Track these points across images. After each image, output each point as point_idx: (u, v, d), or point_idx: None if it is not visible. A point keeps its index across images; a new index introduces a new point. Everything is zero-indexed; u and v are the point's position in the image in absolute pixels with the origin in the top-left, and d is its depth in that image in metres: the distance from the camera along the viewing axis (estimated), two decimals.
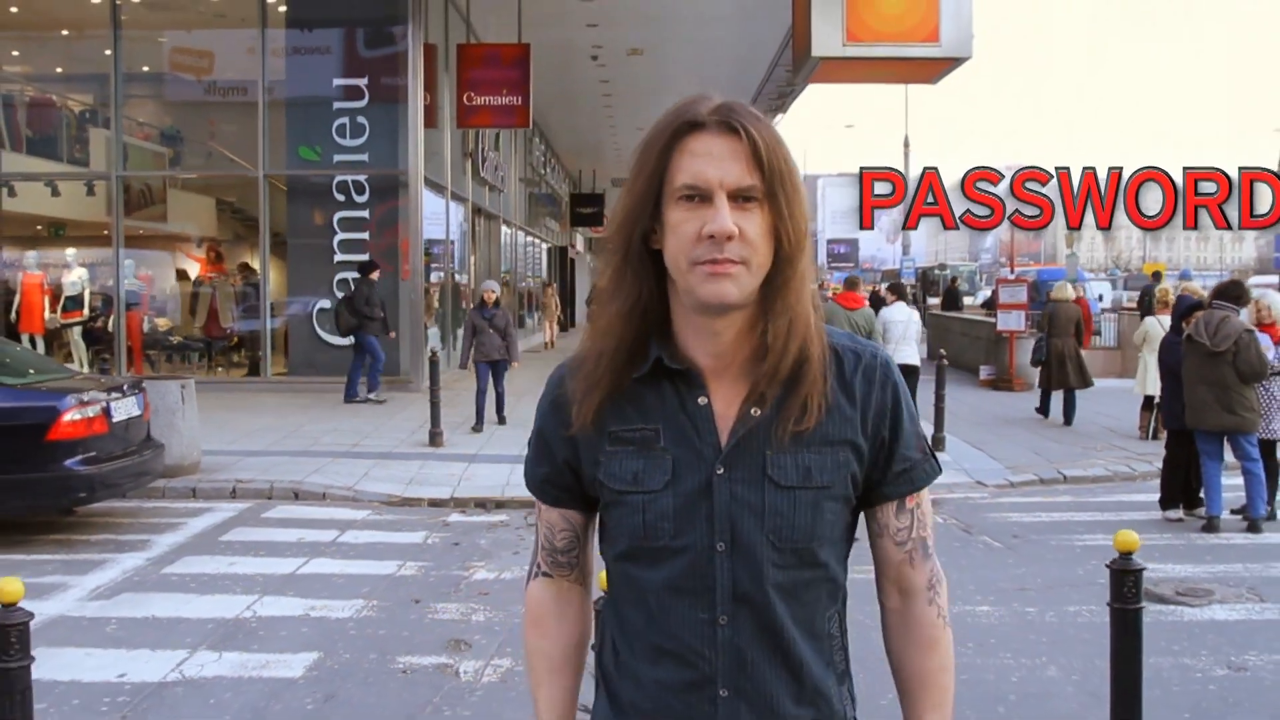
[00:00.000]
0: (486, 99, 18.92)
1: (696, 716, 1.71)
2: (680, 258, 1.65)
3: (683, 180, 1.65)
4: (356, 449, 12.24)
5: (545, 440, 1.84)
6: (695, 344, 1.74)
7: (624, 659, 1.81)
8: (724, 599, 1.69)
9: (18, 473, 7.99)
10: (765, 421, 1.70)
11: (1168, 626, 6.24)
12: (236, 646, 5.96)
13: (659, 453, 1.73)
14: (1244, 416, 8.56)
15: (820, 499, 1.71)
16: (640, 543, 1.73)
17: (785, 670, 1.71)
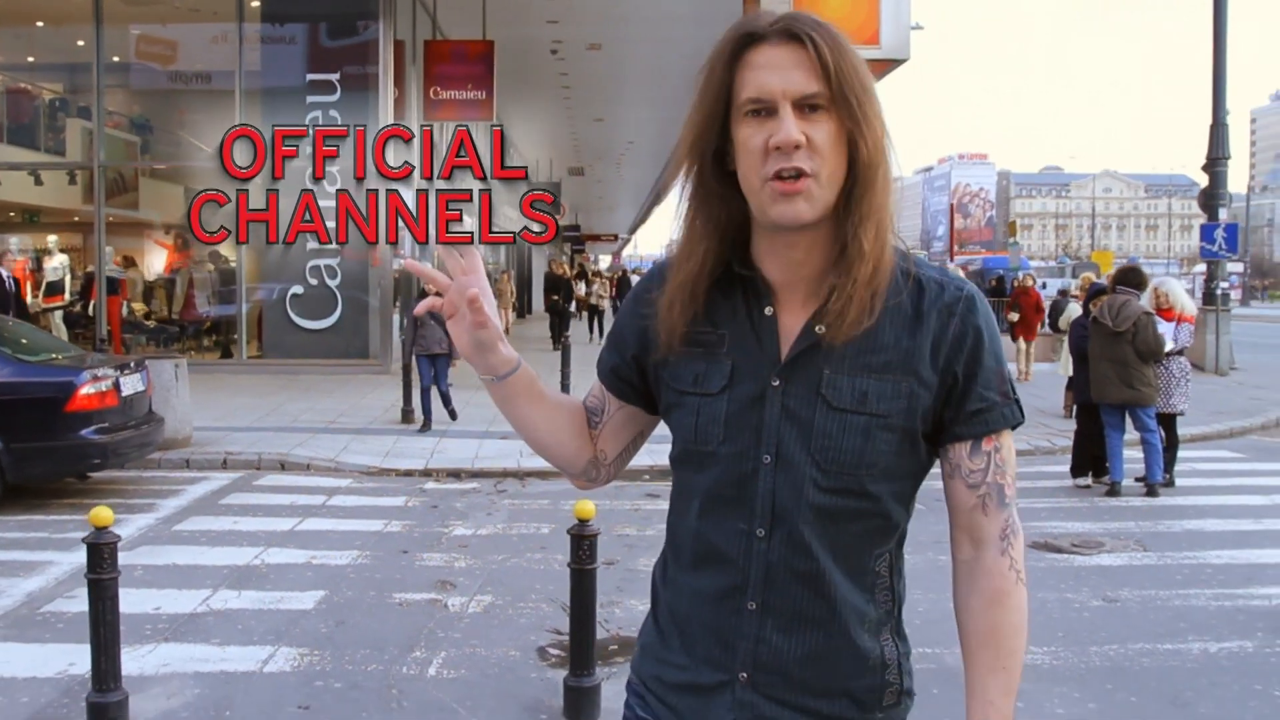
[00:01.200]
0: (452, 93, 19.71)
1: (723, 626, 1.73)
2: (751, 175, 1.64)
3: (747, 94, 1.63)
4: (334, 425, 13.06)
5: (621, 333, 1.88)
6: (768, 256, 1.73)
7: (670, 568, 1.84)
8: (763, 512, 1.69)
9: (40, 441, 8.81)
10: (829, 339, 1.67)
11: (1059, 571, 7.25)
12: (253, 586, 6.84)
13: (721, 357, 1.73)
14: (1142, 391, 9.57)
15: (873, 426, 1.66)
16: (691, 445, 1.75)
17: (816, 595, 1.69)
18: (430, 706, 4.96)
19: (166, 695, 5.05)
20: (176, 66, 20.41)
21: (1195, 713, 4.89)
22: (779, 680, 1.71)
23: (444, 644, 5.79)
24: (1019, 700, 4.34)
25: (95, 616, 4.55)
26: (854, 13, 14.66)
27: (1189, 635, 5.88)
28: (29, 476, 9.05)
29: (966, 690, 1.71)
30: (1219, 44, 20.63)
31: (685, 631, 1.78)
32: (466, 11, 20.31)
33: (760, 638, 1.71)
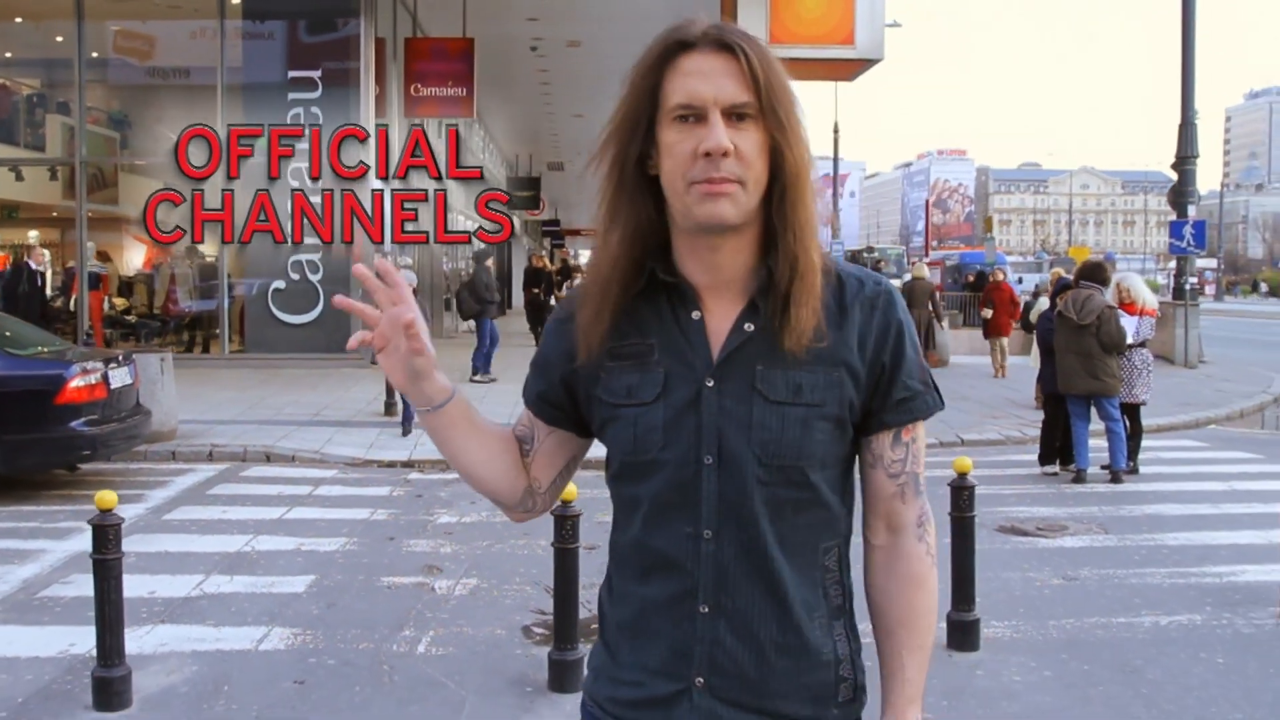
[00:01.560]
0: (433, 90, 19.94)
1: (677, 633, 1.73)
2: (676, 179, 1.66)
3: (676, 100, 1.65)
4: (318, 418, 13.26)
5: (547, 357, 1.88)
6: (691, 261, 1.75)
7: (616, 583, 1.84)
8: (709, 513, 1.71)
9: (31, 432, 8.98)
10: (758, 336, 1.72)
11: (1023, 553, 7.53)
12: (244, 571, 7.05)
13: (653, 366, 1.75)
14: (1106, 382, 9.86)
15: (811, 417, 1.71)
16: (630, 457, 1.75)
17: (768, 593, 1.72)
18: (421, 680, 5.20)
19: (166, 672, 5.27)
20: (156, 63, 20.56)
21: (1143, 678, 5.17)
22: (736, 683, 1.72)
23: (432, 624, 6.02)
24: (979, 669, 4.63)
25: (100, 595, 4.77)
26: (829, 14, 14.95)
27: (1142, 610, 6.17)
28: (19, 467, 9.23)
29: (883, 667, 1.79)
30: (1187, 46, 20.94)
31: (637, 644, 1.78)
32: (447, 9, 20.50)
33: (715, 640, 1.72)
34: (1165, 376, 18.58)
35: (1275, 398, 17.91)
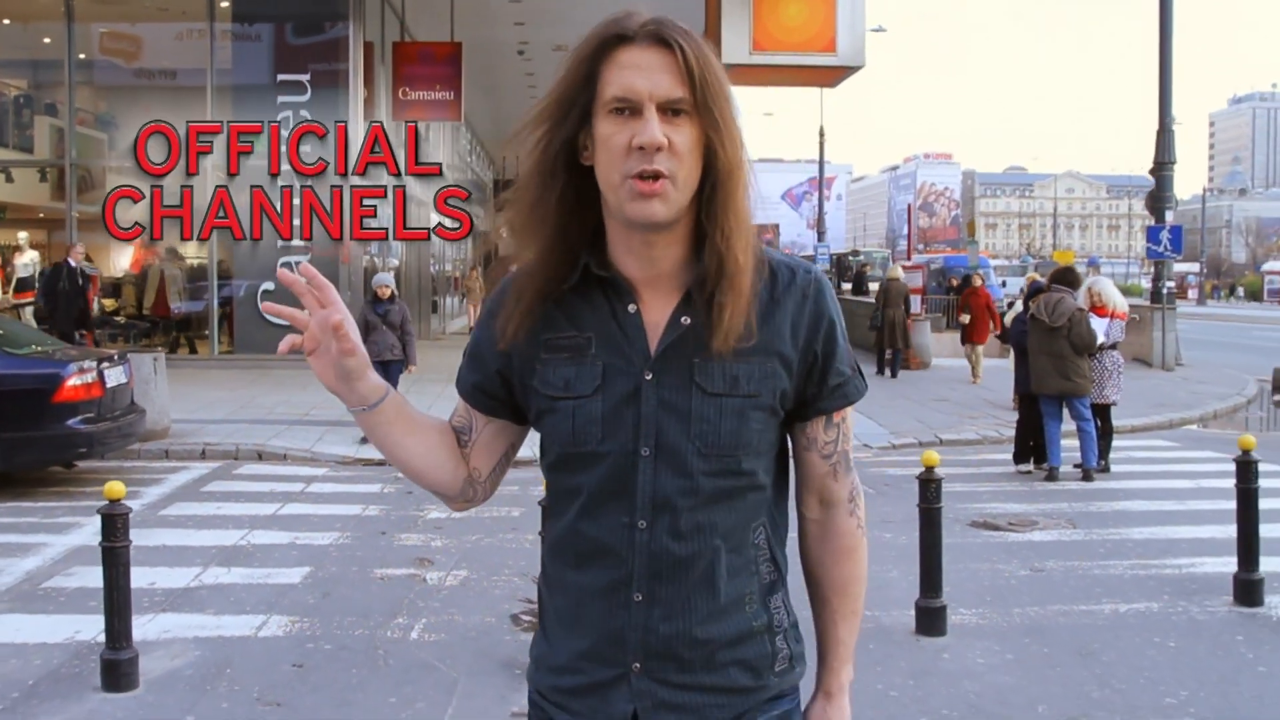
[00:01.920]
0: (421, 94, 20.24)
1: (612, 620, 1.77)
2: (611, 172, 1.68)
3: (612, 92, 1.66)
4: (307, 418, 13.49)
5: (480, 349, 1.88)
6: (625, 255, 1.77)
7: (552, 571, 1.87)
8: (644, 503, 1.74)
9: (29, 430, 9.21)
10: (694, 329, 1.74)
11: (993, 546, 7.81)
12: (240, 564, 7.29)
13: (590, 359, 1.76)
14: (1077, 383, 10.16)
15: (747, 407, 1.75)
16: (569, 448, 1.78)
17: (701, 579, 1.75)
18: (414, 664, 5.45)
19: (170, 656, 5.51)
20: (144, 64, 20.81)
21: (1098, 660, 5.44)
22: (672, 665, 1.76)
23: (424, 612, 6.27)
24: (945, 653, 4.90)
25: (109, 581, 5.01)
26: (810, 22, 15.26)
27: (1103, 598, 6.45)
28: (17, 464, 9.46)
29: (819, 633, 1.90)
30: (1165, 53, 21.22)
31: (575, 632, 1.81)
32: (434, 13, 20.78)
33: (649, 627, 1.75)
34: (1142, 379, 18.96)
35: (1249, 399, 18.27)
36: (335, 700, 5.02)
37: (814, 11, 15.39)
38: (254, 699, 5.00)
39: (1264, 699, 5.02)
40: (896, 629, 5.85)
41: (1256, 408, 18.05)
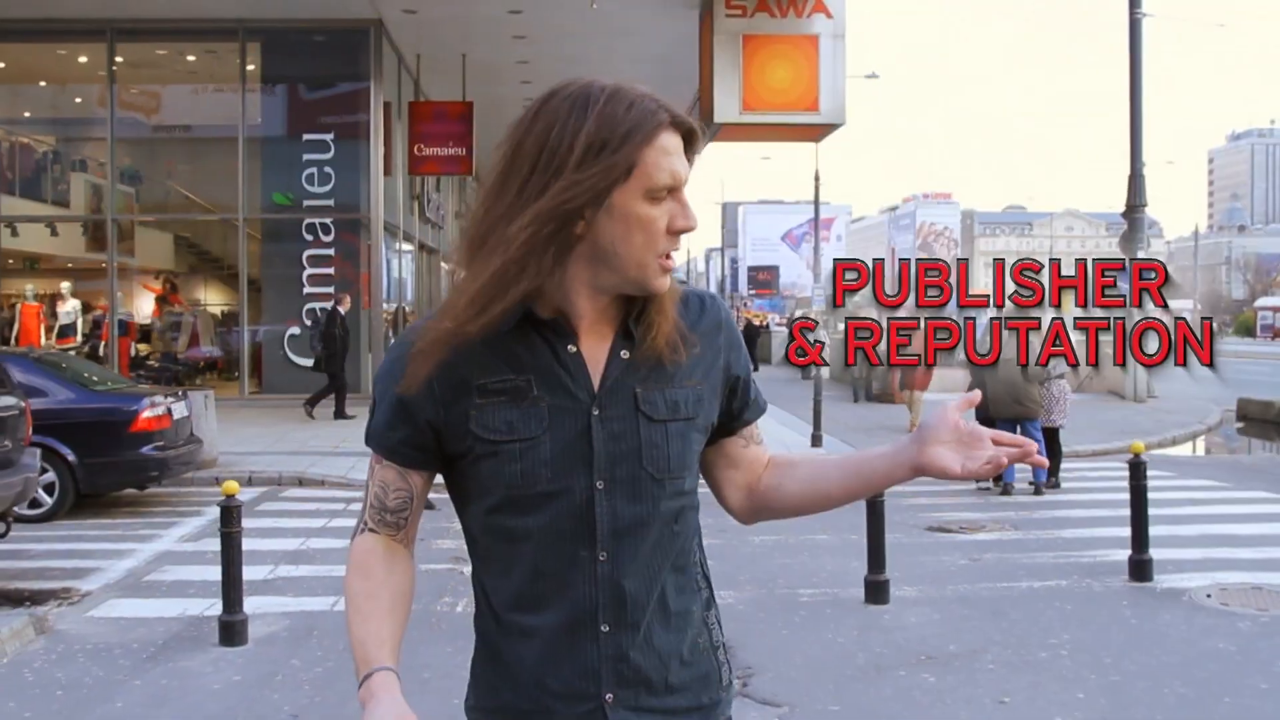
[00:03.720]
0: (435, 150, 21.72)
1: (581, 655, 1.79)
2: (646, 252, 1.73)
3: (663, 180, 1.72)
4: (339, 450, 14.83)
5: (404, 403, 1.82)
6: (583, 303, 1.80)
7: (501, 615, 1.85)
8: (604, 535, 1.78)
9: (109, 456, 10.58)
10: (633, 362, 1.81)
11: (942, 544, 9.17)
12: (305, 562, 8.65)
13: (533, 401, 1.78)
14: (1029, 407, 11.53)
15: (688, 430, 1.84)
16: (517, 491, 1.77)
17: (659, 601, 1.83)
18: (463, 628, 6.76)
19: (266, 625, 6.85)
20: (168, 121, 22.39)
21: (1006, 618, 6.81)
22: (642, 690, 1.82)
23: (467, 593, 7.62)
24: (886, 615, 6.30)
25: (226, 557, 6.40)
26: (795, 84, 16.74)
27: (1023, 578, 7.81)
28: (97, 486, 10.81)
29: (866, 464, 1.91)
30: (1135, 104, 22.43)
31: (539, 673, 1.82)
32: (446, 74, 22.31)
33: (619, 656, 1.80)
34: (1112, 410, 20.36)
35: (1210, 427, 19.65)
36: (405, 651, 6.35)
37: (798, 75, 16.87)
38: (340, 650, 6.33)
39: (1128, 640, 6.40)
40: (849, 600, 7.21)
41: (1216, 435, 19.42)
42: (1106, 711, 5.26)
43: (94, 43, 20.36)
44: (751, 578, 7.80)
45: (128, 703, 5.55)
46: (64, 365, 11.69)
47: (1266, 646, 6.25)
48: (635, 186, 1.71)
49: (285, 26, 20.16)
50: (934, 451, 1.80)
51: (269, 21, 19.92)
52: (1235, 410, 21.80)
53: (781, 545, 8.72)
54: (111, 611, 7.31)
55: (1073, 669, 5.89)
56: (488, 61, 21.73)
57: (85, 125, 23.00)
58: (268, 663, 6.19)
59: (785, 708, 5.31)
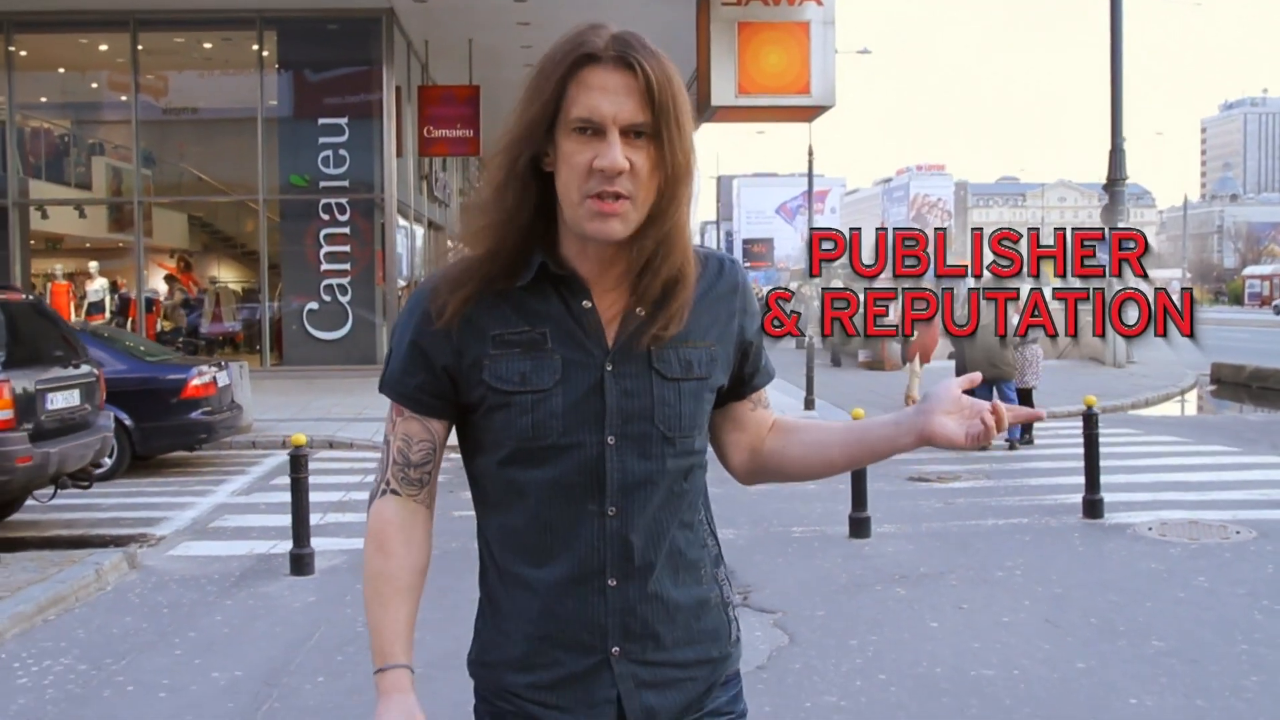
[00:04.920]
0: (444, 132, 22.62)
1: (587, 609, 1.83)
2: (571, 189, 1.72)
3: (577, 113, 1.70)
4: (362, 416, 15.83)
5: (421, 349, 1.86)
6: (580, 257, 1.82)
7: (506, 569, 1.89)
8: (613, 491, 1.81)
9: (162, 420, 11.58)
10: (648, 321, 1.81)
11: (920, 491, 10.19)
12: (350, 511, 9.66)
13: (547, 353, 1.80)
14: (1004, 369, 12.54)
15: (700, 389, 1.86)
16: (528, 443, 1.80)
17: (667, 556, 1.86)
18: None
19: (326, 559, 7.85)
20: (191, 108, 23.30)
21: (971, 547, 7.85)
22: (650, 644, 1.85)
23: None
24: (866, 546, 7.36)
25: (295, 499, 7.41)
26: (788, 69, 17.68)
27: (989, 517, 8.84)
28: (151, 449, 11.82)
29: (870, 431, 1.94)
30: (1115, 80, 23.26)
31: (544, 626, 1.84)
32: (453, 58, 23.21)
33: (626, 610, 1.82)
34: (1092, 375, 21.38)
35: (1183, 390, 20.69)
36: (451, 577, 7.37)
37: (791, 59, 17.80)
38: None
39: (1073, 563, 7.44)
40: (835, 535, 8.24)
41: (1206, 398, 20.49)
42: (1047, 614, 6.28)
43: (117, 32, 21.25)
44: (749, 519, 8.79)
45: (225, 617, 6.58)
46: (117, 339, 12.69)
47: (1190, 566, 7.29)
48: (564, 124, 1.73)
49: (300, 16, 21.04)
50: (939, 420, 1.84)
51: (285, 11, 20.82)
52: (1209, 374, 22.84)
53: (775, 492, 9.71)
54: (187, 551, 8.33)
55: (1023, 584, 6.92)
56: (493, 46, 22.58)
57: (105, 110, 23.94)
58: (335, 587, 7.20)
59: (779, 614, 6.32)
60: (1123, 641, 5.81)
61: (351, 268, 20.82)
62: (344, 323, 21.03)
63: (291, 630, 6.28)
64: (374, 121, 21.15)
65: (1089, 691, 5.13)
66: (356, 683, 5.37)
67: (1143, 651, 5.65)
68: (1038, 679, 5.28)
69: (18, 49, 21.47)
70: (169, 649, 5.98)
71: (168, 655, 5.88)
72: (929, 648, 5.76)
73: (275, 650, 5.93)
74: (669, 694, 1.87)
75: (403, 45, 22.46)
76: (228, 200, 23.51)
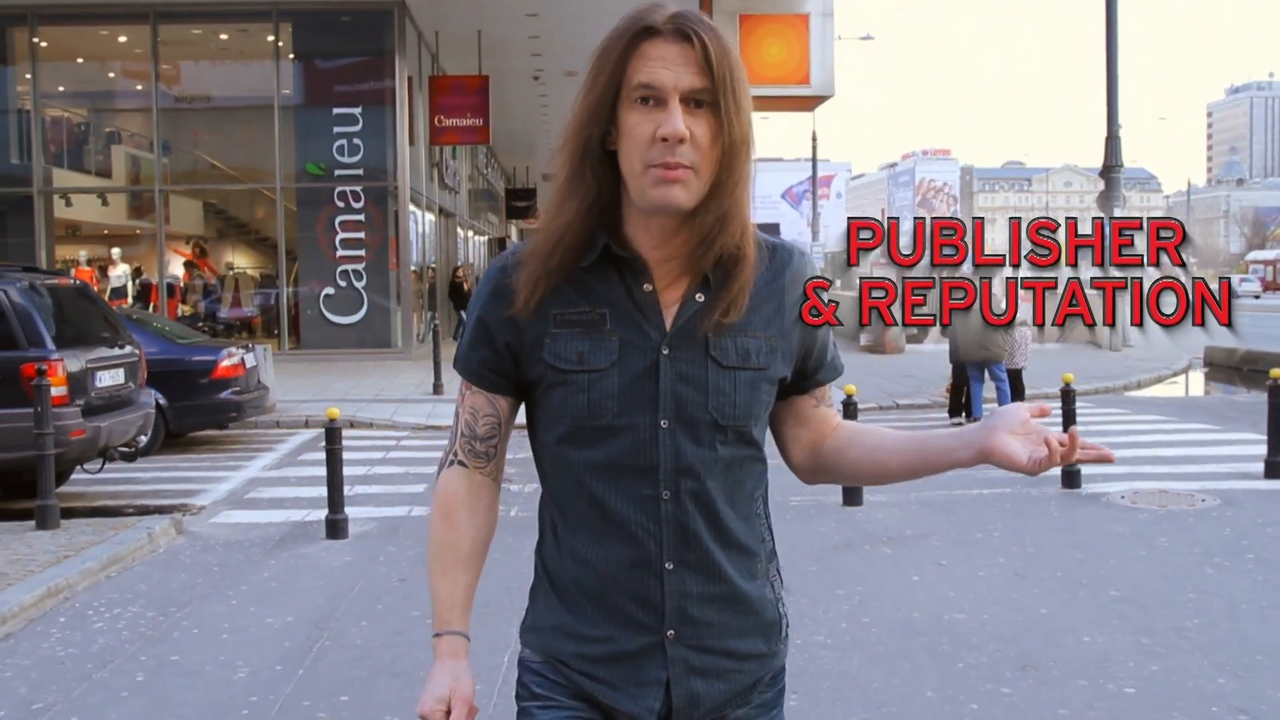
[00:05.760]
0: (454, 120, 23.27)
1: (644, 590, 1.85)
2: (635, 160, 1.76)
3: (639, 80, 1.74)
4: (379, 398, 16.48)
5: (486, 326, 1.91)
6: (642, 236, 1.84)
7: (565, 543, 1.91)
8: (667, 474, 1.82)
9: (195, 399, 12.22)
10: (707, 306, 1.82)
11: None
12: (376, 483, 10.30)
13: (605, 334, 1.83)
14: (994, 352, 13.16)
15: (758, 379, 1.87)
16: (584, 422, 1.84)
17: (723, 545, 1.86)
18: (522, 524, 8.42)
19: (358, 525, 8.46)
20: (208, 97, 23.94)
21: (955, 512, 8.49)
22: (705, 630, 1.87)
23: (515, 504, 9.28)
24: (858, 514, 7.96)
25: (330, 468, 8.04)
26: (788, 60, 18.31)
27: (974, 488, 9.44)
28: (184, 426, 12.47)
29: (929, 442, 1.94)
30: (1111, 69, 23.70)
31: (603, 603, 1.88)
32: (462, 48, 23.81)
33: (683, 594, 1.85)
34: (1088, 357, 21.93)
35: (1175, 372, 21.26)
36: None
37: (791, 51, 18.44)
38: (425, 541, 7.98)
39: (1047, 526, 8.09)
40: (830, 504, 8.85)
41: (1182, 379, 21.07)
42: (1018, 569, 6.91)
43: (137, 25, 21.87)
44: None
45: (271, 574, 7.22)
46: (147, 322, 13.33)
47: (1154, 529, 7.92)
48: (627, 98, 1.77)
49: (315, 8, 21.66)
50: (1003, 438, 1.80)
51: (300, 4, 21.44)
52: (1202, 357, 23.42)
53: (775, 467, 10.34)
54: (228, 519, 8.97)
55: (1000, 545, 7.56)
56: (501, 37, 23.20)
57: (125, 100, 24.58)
58: (369, 549, 7.84)
59: None
60: (1083, 591, 6.45)
61: (366, 254, 21.48)
62: (359, 307, 21.69)
63: (333, 584, 6.92)
64: (386, 111, 21.81)
65: (1048, 631, 5.77)
66: (398, 625, 6.02)
67: (1100, 599, 6.29)
68: (1004, 621, 5.92)
69: (40, 40, 22.11)
70: (225, 599, 6.63)
71: (224, 604, 6.53)
72: (909, 597, 6.40)
73: (320, 600, 6.58)
74: (716, 683, 1.89)
75: (414, 36, 23.07)
76: (246, 188, 24.13)
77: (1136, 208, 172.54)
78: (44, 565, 7.01)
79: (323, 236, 21.72)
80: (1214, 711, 4.73)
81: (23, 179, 21.86)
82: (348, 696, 5.05)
